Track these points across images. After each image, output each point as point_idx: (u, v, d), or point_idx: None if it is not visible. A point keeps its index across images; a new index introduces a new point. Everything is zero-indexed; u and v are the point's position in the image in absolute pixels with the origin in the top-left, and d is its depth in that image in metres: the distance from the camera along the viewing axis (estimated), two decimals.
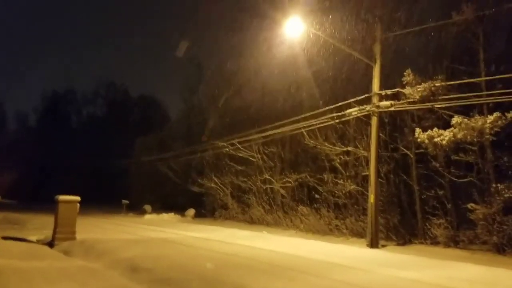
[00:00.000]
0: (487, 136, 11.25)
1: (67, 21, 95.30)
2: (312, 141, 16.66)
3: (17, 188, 53.02)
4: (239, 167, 22.52)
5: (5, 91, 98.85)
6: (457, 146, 11.94)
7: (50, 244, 11.49)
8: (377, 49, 12.66)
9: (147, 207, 29.36)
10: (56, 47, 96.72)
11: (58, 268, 7.57)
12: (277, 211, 19.60)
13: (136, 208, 29.91)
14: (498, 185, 11.46)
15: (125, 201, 28.88)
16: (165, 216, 25.48)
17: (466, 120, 11.11)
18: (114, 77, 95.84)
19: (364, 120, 14.47)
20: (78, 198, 12.09)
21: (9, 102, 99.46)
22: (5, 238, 11.85)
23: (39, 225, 16.04)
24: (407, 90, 12.01)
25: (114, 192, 36.86)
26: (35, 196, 45.85)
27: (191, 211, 26.46)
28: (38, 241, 12.22)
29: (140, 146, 37.14)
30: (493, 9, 11.76)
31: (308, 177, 17.94)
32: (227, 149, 21.95)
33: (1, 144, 59.86)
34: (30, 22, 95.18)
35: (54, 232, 11.76)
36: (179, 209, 27.14)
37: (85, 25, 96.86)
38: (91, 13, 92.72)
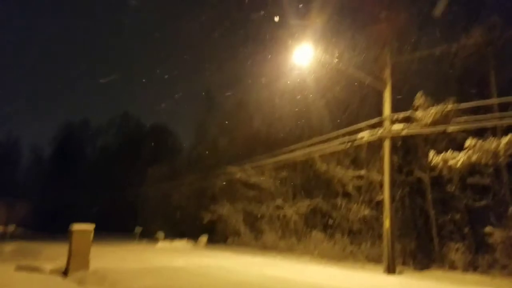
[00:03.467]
0: (502, 158, 11.10)
1: (80, 52, 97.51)
2: (324, 166, 16.60)
3: (32, 218, 53.44)
4: (251, 193, 22.46)
5: (21, 125, 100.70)
6: (472, 169, 11.80)
7: (64, 274, 11.46)
8: (387, 73, 12.73)
9: (160, 235, 29.31)
10: (70, 79, 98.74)
11: None
12: (290, 237, 19.38)
13: (149, 236, 29.88)
14: None
15: (138, 229, 28.84)
16: (178, 243, 25.36)
17: (480, 142, 11.00)
18: (127, 107, 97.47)
19: (377, 144, 14.42)
20: (92, 226, 12.11)
21: (25, 135, 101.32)
22: (19, 268, 11.84)
23: (54, 255, 16.01)
24: (419, 113, 11.98)
25: (127, 221, 36.94)
26: (49, 226, 46.08)
27: (203, 238, 26.32)
28: (51, 271, 12.19)
29: (153, 174, 37.38)
30: (503, 32, 11.79)
31: (321, 202, 17.78)
32: (239, 176, 21.95)
33: (17, 176, 60.82)
34: (43, 56, 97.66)
35: (68, 262, 11.74)
36: (192, 236, 27.02)
37: (98, 55, 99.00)
38: (102, 45, 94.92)
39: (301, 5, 16.53)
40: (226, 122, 29.62)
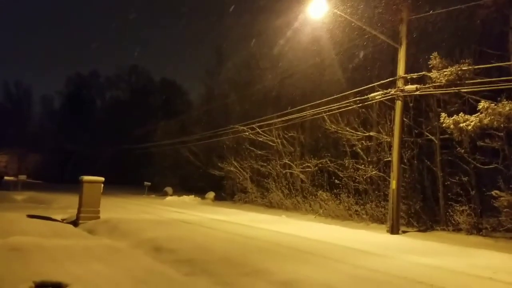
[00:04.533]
0: None
1: (91, 5, 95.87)
2: (333, 126, 16.50)
3: (43, 169, 54.46)
4: (259, 152, 22.56)
5: (31, 77, 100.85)
6: (483, 132, 11.65)
7: (75, 223, 11.78)
8: (403, 31, 12.34)
9: (169, 189, 29.86)
10: (81, 30, 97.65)
11: (83, 247, 7.73)
12: (296, 196, 19.60)
13: (157, 190, 30.45)
14: None
15: (147, 183, 29.39)
16: (186, 198, 25.85)
17: (493, 105, 10.78)
18: (137, 60, 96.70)
19: (388, 105, 14.24)
20: (102, 179, 12.34)
21: (35, 86, 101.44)
22: (31, 216, 12.17)
23: (64, 205, 16.44)
24: (433, 74, 11.71)
25: (136, 175, 37.58)
26: (59, 177, 47.07)
27: (211, 194, 26.77)
28: (63, 220, 12.54)
29: (162, 130, 37.62)
30: None
31: (329, 162, 17.82)
32: (247, 133, 21.96)
33: (27, 127, 61.40)
34: (55, 7, 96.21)
35: (79, 211, 12.05)
36: (200, 192, 27.49)
37: (108, 10, 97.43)
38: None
39: None
40: (236, 79, 29.33)
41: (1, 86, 65.46)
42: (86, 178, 12.21)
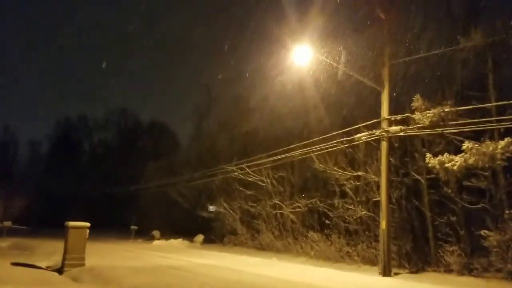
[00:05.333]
0: (499, 162, 11.09)
1: (79, 48, 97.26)
2: (321, 166, 16.60)
3: (28, 214, 53.27)
4: (249, 192, 22.45)
5: (19, 119, 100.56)
6: (469, 171, 11.80)
7: (59, 271, 11.45)
8: (385, 74, 12.71)
9: (156, 233, 29.31)
10: (69, 74, 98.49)
11: None
12: (287, 237, 19.38)
13: (145, 234, 29.85)
14: None
15: (133, 227, 28.85)
16: (174, 242, 25.36)
17: (477, 145, 11.00)
18: (126, 103, 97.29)
19: (374, 145, 14.42)
20: (87, 224, 12.12)
21: (22, 130, 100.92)
22: (15, 264, 11.84)
23: (49, 251, 16.03)
24: (416, 116, 11.98)
25: (123, 218, 36.88)
26: (45, 222, 45.96)
27: (199, 237, 26.33)
28: (47, 268, 12.19)
29: (150, 171, 37.34)
30: (502, 35, 11.78)
31: (318, 202, 17.78)
32: (237, 174, 21.92)
33: (14, 171, 60.55)
34: (43, 50, 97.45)
35: (64, 258, 11.74)
36: (188, 235, 27.01)
37: (98, 52, 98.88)
38: (103, 41, 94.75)
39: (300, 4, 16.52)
40: (225, 120, 29.59)
41: None
42: (72, 223, 11.99)
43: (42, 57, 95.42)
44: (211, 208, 26.82)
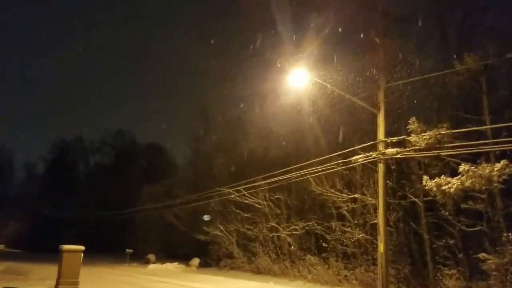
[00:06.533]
0: (496, 184, 11.09)
1: (75, 71, 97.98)
2: (318, 188, 16.53)
3: (22, 237, 52.60)
4: (245, 214, 22.27)
5: (14, 141, 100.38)
6: (466, 194, 11.78)
7: None
8: (380, 97, 12.76)
9: (151, 257, 28.94)
10: (65, 96, 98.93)
11: None
12: (284, 261, 19.16)
13: (140, 257, 29.47)
14: (510, 234, 11.20)
15: (128, 251, 28.51)
16: (169, 265, 25.04)
17: (473, 168, 11.01)
18: (122, 125, 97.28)
19: (371, 167, 14.41)
20: (82, 247, 11.97)
21: (18, 152, 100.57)
22: None
23: (43, 276, 15.78)
24: (412, 138, 12.00)
25: (118, 241, 36.49)
26: (39, 246, 45.33)
27: (195, 261, 25.97)
28: None
29: (146, 194, 37.02)
30: (496, 59, 11.94)
31: (316, 224, 17.66)
32: (233, 196, 21.77)
33: (8, 194, 60.09)
34: (39, 71, 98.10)
35: (57, 282, 11.57)
36: (184, 259, 26.67)
37: (93, 74, 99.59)
38: (98, 63, 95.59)
39: (296, 28, 16.77)
40: (221, 142, 29.61)
41: None
42: (66, 247, 11.83)
43: (38, 78, 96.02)
44: (206, 217, 26.65)
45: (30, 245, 46.72)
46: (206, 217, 27.90)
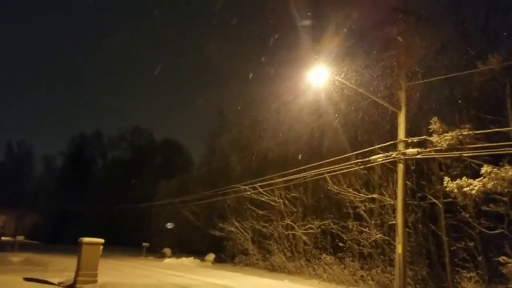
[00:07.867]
0: None
1: (97, 67, 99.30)
2: (335, 187, 16.44)
3: (40, 229, 53.64)
4: (261, 212, 22.30)
5: (34, 134, 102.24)
6: (487, 196, 11.60)
7: (72, 287, 11.42)
8: (402, 96, 12.65)
9: (167, 251, 29.20)
10: (85, 91, 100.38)
11: None
12: (299, 259, 19.13)
13: (156, 251, 29.79)
14: None
15: (145, 244, 28.81)
16: (185, 260, 25.22)
17: (495, 170, 10.82)
18: (140, 121, 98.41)
19: (389, 167, 14.28)
20: (101, 240, 12.10)
21: (37, 146, 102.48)
22: (27, 279, 11.84)
23: (62, 267, 16.01)
24: (434, 138, 11.85)
25: (135, 235, 36.93)
26: (57, 238, 46.21)
27: (211, 256, 26.12)
28: (59, 284, 12.16)
29: (163, 189, 37.43)
30: None
31: (332, 224, 17.57)
32: (249, 193, 21.81)
33: (27, 187, 61.30)
34: (59, 67, 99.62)
35: (76, 274, 11.71)
36: (199, 254, 26.85)
37: (112, 71, 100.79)
38: (119, 59, 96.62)
39: (315, 27, 16.69)
40: (238, 139, 29.67)
41: (4, 146, 65.97)
42: (86, 239, 11.98)
43: (58, 74, 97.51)
44: (169, 225, 26.98)
45: (48, 237, 47.63)
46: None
